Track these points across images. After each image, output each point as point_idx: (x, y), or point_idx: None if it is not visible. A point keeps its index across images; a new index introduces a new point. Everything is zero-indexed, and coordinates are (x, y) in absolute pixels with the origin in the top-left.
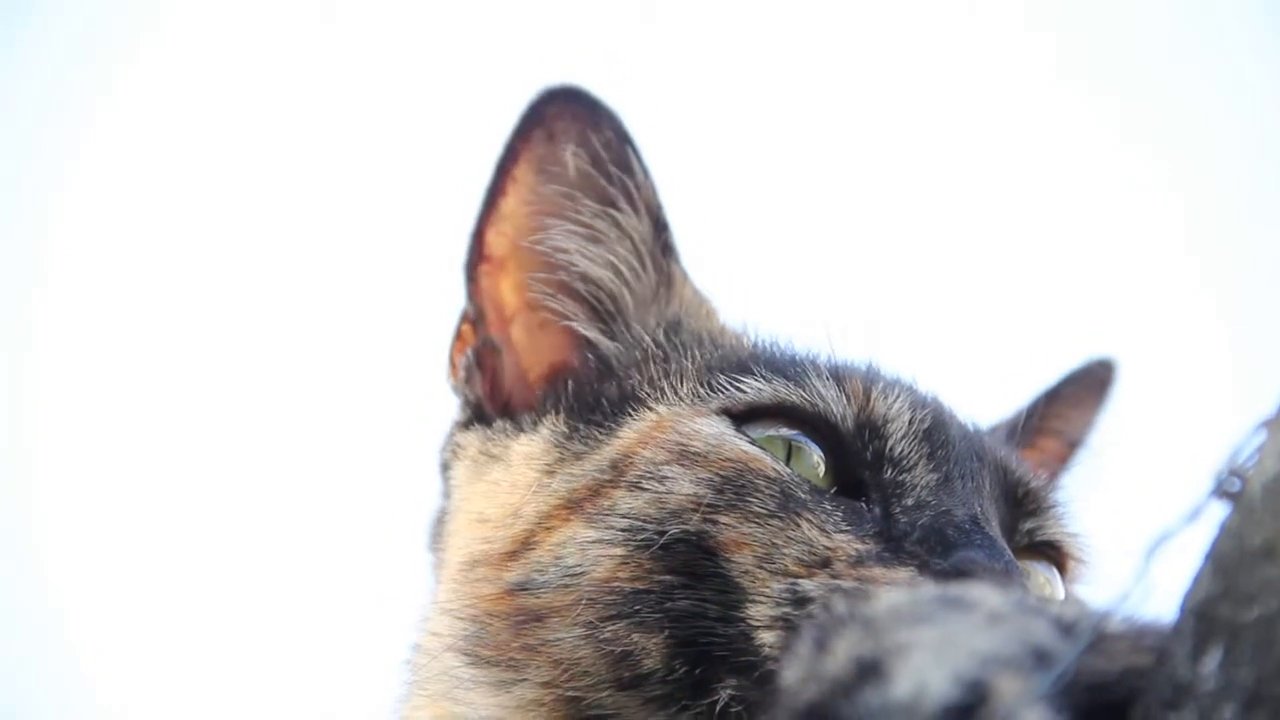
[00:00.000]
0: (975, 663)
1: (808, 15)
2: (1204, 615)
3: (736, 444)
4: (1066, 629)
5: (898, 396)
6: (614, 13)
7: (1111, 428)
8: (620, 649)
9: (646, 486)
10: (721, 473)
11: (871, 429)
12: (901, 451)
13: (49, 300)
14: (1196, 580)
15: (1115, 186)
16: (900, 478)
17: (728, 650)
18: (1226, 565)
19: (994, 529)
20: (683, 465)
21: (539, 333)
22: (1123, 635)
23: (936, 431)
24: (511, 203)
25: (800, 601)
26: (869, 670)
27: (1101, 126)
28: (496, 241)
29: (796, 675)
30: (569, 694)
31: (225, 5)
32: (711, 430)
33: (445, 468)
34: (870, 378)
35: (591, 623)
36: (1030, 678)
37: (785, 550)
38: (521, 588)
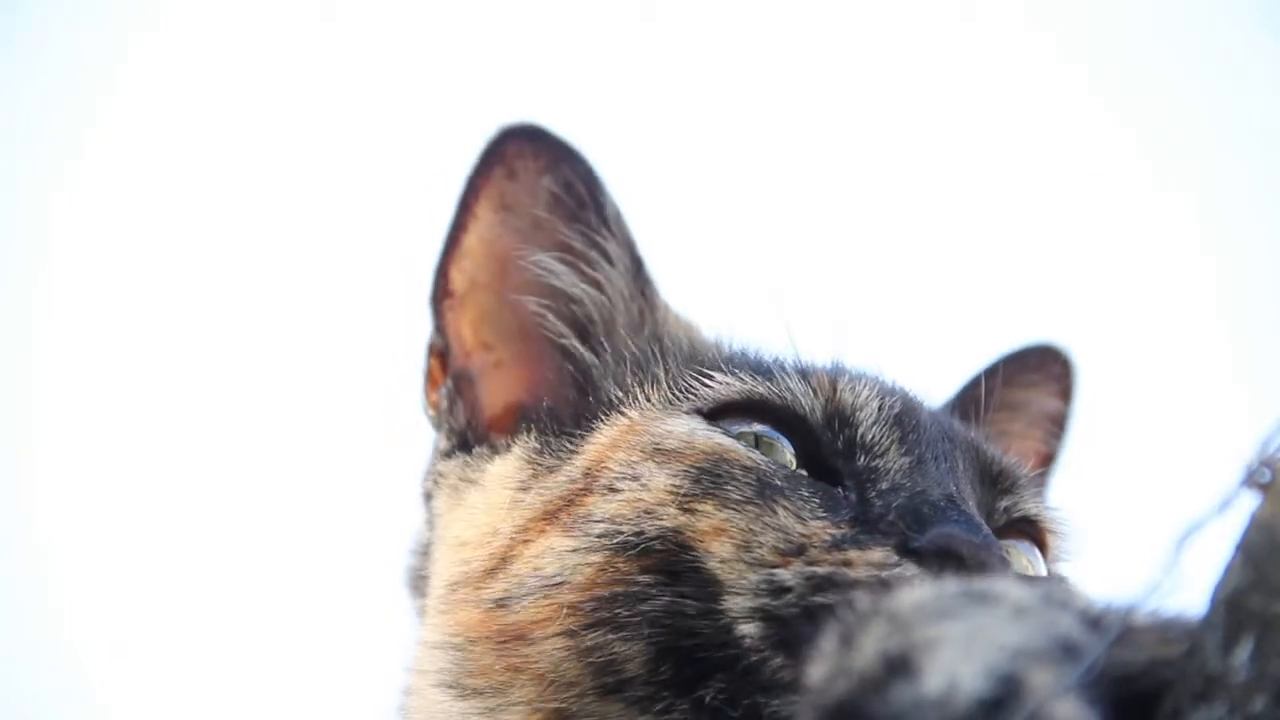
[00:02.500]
0: (1005, 656)
1: (786, 24)
2: (1235, 606)
3: (710, 436)
4: (1093, 622)
5: (865, 386)
6: (611, 14)
7: (1083, 418)
8: (604, 657)
9: (620, 488)
10: (697, 464)
11: (841, 418)
12: (873, 438)
13: (49, 300)
14: (1227, 571)
15: (1120, 181)
16: (873, 463)
17: (710, 647)
18: (1257, 556)
19: (970, 507)
20: (656, 462)
21: (511, 359)
22: (1150, 627)
23: (906, 416)
24: (473, 239)
25: (777, 591)
26: (898, 666)
27: (1095, 122)
28: (459, 277)
29: (823, 672)
30: (553, 707)
31: (223, 6)
32: (684, 427)
33: (428, 498)
34: (836, 372)
35: (574, 632)
36: (1060, 670)
37: (762, 538)
38: (501, 604)
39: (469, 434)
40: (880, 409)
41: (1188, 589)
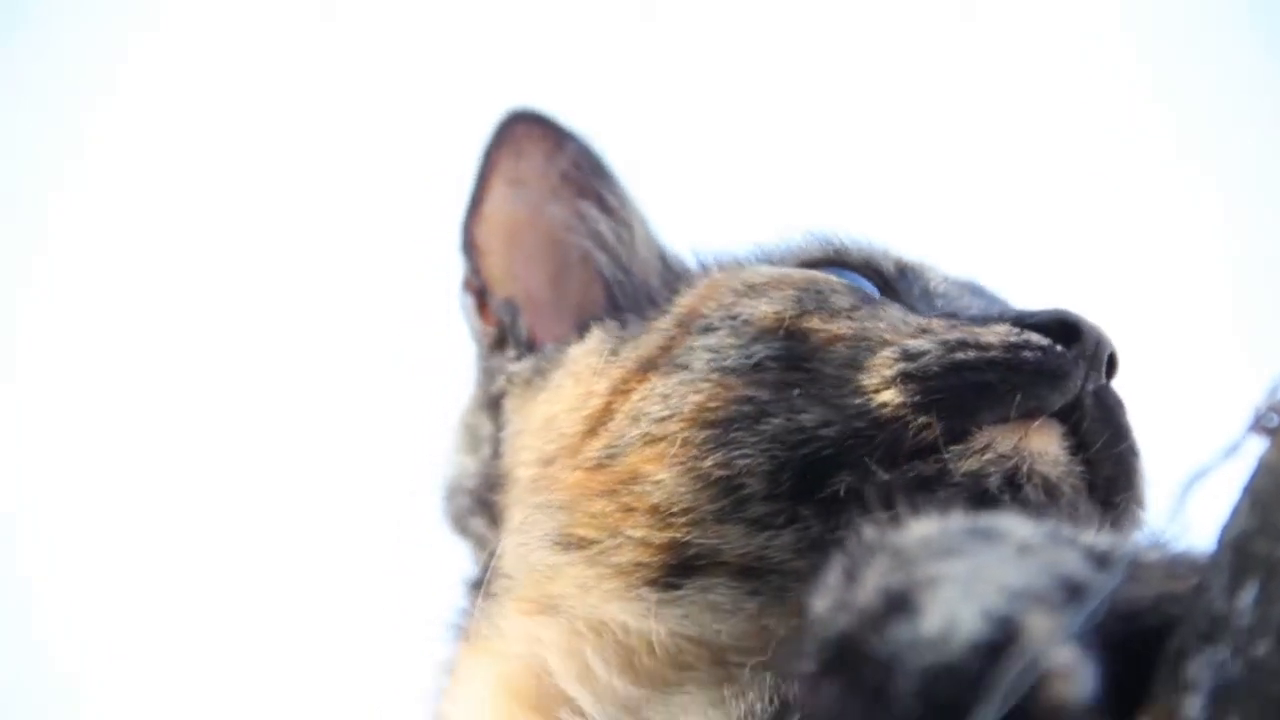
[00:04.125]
0: (1005, 598)
1: None
2: (1240, 550)
3: (801, 270)
4: (1099, 559)
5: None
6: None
7: None
8: (720, 475)
9: (720, 325)
10: (795, 286)
11: (913, 272)
12: (945, 290)
13: (47, 300)
14: (1234, 514)
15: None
16: (951, 306)
17: (837, 443)
18: (1264, 500)
19: None
20: (752, 297)
21: (556, 295)
22: (1158, 564)
23: (964, 283)
24: (495, 201)
25: (914, 356)
26: (898, 603)
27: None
28: (484, 232)
29: (826, 605)
30: (667, 538)
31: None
32: (774, 268)
33: (496, 401)
34: None
35: (691, 457)
36: (1061, 613)
37: (881, 327)
38: (608, 458)
39: (534, 342)
40: (944, 275)
41: (1194, 532)
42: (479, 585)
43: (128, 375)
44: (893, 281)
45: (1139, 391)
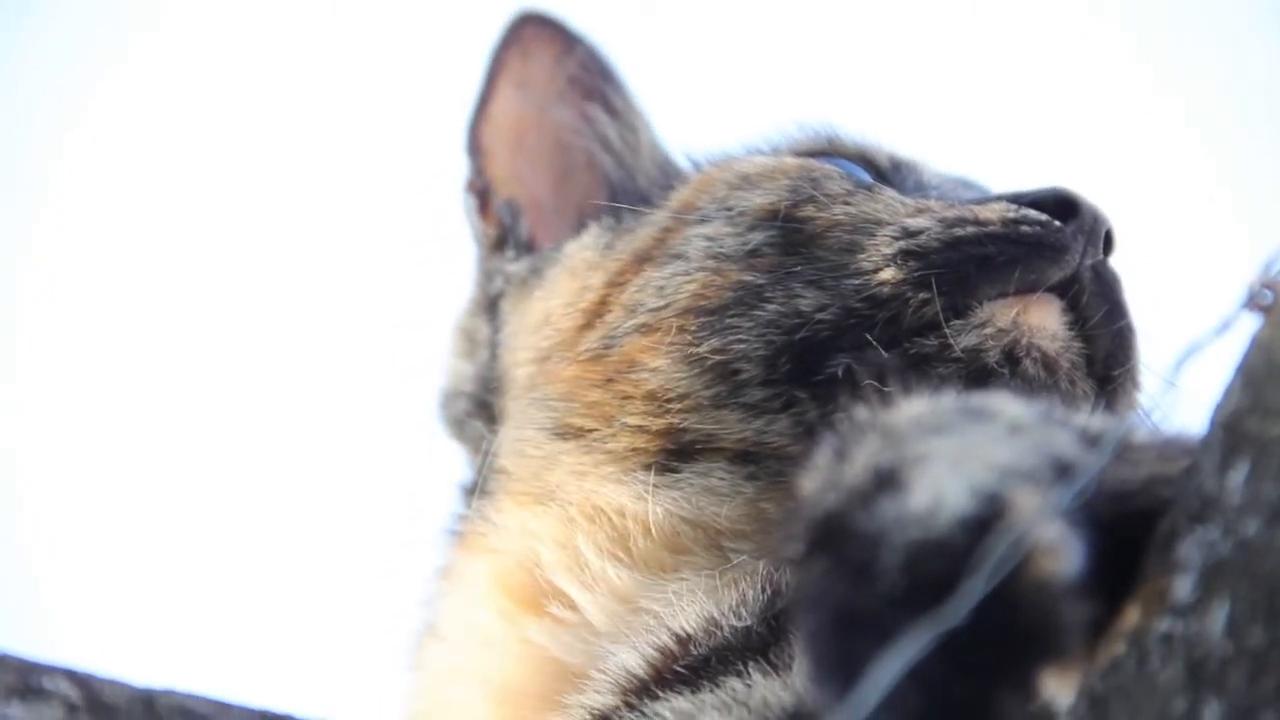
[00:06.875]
0: (993, 475)
1: None
2: (1232, 429)
3: (794, 159)
4: (1091, 440)
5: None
6: None
7: None
8: (718, 361)
9: (715, 215)
10: (790, 175)
11: (906, 165)
12: (938, 184)
13: (42, 300)
14: (1226, 393)
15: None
16: (944, 196)
17: (835, 325)
18: (1256, 379)
19: None
20: (746, 189)
21: (557, 195)
22: (1149, 446)
23: (957, 178)
24: (501, 103)
25: (914, 233)
26: (886, 480)
27: None
28: (487, 133)
29: (815, 484)
30: (663, 424)
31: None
32: (768, 158)
33: (495, 302)
34: None
35: (687, 343)
36: (1049, 491)
37: (878, 209)
38: (604, 349)
39: (534, 244)
40: (936, 169)
41: (1187, 411)
42: (474, 488)
43: (124, 374)
44: (886, 173)
45: (1133, 269)
